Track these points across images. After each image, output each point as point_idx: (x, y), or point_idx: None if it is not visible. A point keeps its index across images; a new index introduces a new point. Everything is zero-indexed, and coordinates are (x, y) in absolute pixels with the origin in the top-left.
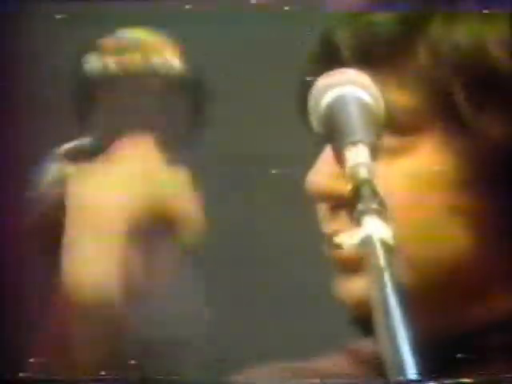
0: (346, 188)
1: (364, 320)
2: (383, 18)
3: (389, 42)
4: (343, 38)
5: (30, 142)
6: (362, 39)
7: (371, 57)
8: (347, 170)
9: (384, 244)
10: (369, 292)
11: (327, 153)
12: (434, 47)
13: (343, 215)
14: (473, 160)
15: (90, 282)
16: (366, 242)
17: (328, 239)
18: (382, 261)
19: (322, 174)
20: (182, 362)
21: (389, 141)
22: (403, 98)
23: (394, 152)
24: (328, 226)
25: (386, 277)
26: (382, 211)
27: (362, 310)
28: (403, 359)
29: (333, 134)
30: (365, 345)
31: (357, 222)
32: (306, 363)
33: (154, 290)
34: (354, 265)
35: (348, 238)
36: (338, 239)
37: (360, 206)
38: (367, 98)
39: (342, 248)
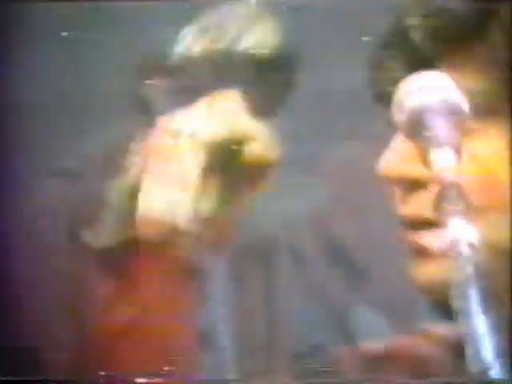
0: (419, 171)
1: (441, 304)
2: (455, 2)
3: (462, 25)
4: (415, 22)
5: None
6: (434, 24)
7: (444, 41)
8: (434, 171)
9: (470, 246)
10: (450, 283)
11: (399, 136)
12: (507, 29)
13: (417, 198)
14: None
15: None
16: (453, 244)
17: (403, 222)
18: (468, 263)
19: (395, 158)
20: None
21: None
22: (477, 81)
23: (468, 134)
24: (402, 209)
25: (472, 280)
26: (469, 213)
27: (438, 294)
28: (488, 359)
29: (417, 133)
30: (444, 328)
31: (443, 223)
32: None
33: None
34: (431, 249)
35: (434, 239)
36: (423, 239)
37: (447, 208)
38: (453, 101)
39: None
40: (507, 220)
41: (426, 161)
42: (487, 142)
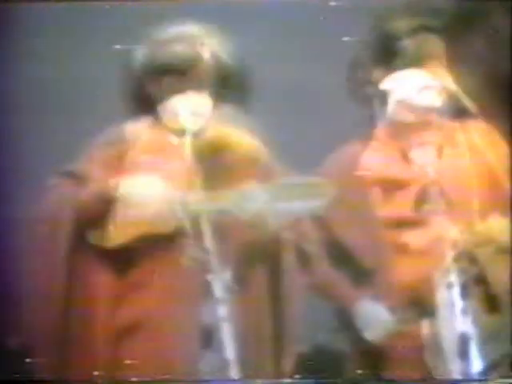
0: (399, 172)
1: (419, 303)
2: (440, 10)
3: (447, 32)
4: (399, 30)
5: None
6: (418, 31)
7: (429, 47)
8: (415, 169)
9: (452, 243)
10: (432, 285)
11: (380, 138)
12: (492, 34)
13: (397, 199)
14: None
15: None
16: (434, 241)
17: (382, 222)
18: (449, 260)
19: (376, 159)
20: None
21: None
22: (462, 84)
23: (450, 134)
24: (382, 210)
25: (453, 276)
26: (450, 211)
27: (417, 292)
28: (466, 359)
29: (399, 132)
30: (421, 327)
31: (424, 221)
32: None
33: None
34: (410, 248)
35: (416, 237)
36: (405, 238)
37: (428, 206)
38: (434, 100)
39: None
40: (508, 220)
41: (407, 159)
42: (488, 143)
